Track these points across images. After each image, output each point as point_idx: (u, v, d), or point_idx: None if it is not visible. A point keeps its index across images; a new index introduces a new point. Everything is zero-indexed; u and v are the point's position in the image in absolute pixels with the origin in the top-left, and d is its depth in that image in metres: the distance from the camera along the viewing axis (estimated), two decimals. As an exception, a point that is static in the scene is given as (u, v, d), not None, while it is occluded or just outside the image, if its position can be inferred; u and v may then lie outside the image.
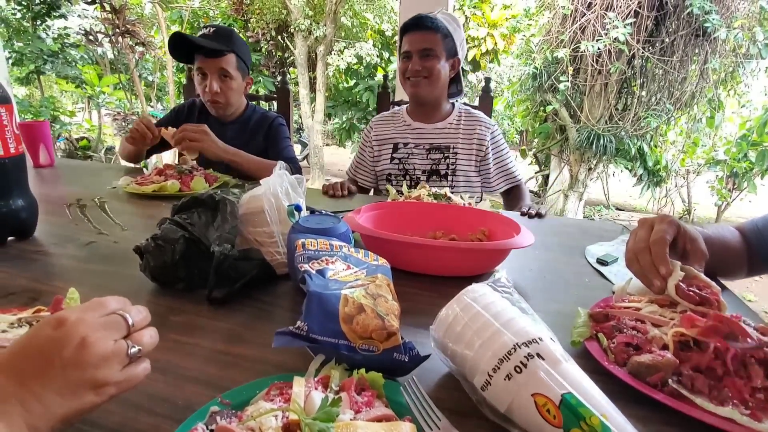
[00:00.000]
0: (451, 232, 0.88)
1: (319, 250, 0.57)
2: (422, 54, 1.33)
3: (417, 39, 1.33)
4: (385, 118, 1.54)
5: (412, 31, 1.34)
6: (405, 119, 1.48)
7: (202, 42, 1.36)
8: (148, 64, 7.70)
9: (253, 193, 0.71)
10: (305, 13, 7.29)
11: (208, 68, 1.40)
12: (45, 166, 1.52)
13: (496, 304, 0.45)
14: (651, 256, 0.57)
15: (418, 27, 1.33)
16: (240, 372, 0.49)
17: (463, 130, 1.43)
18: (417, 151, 1.43)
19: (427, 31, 1.32)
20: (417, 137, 1.45)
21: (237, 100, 1.50)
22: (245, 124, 1.54)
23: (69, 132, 6.23)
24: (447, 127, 1.44)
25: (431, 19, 1.33)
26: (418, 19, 1.34)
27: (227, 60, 1.40)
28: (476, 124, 1.43)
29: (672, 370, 0.46)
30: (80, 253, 0.81)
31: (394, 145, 1.47)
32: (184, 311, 0.61)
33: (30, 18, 5.97)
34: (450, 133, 1.43)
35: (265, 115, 1.57)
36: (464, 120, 1.45)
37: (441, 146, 1.42)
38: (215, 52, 1.38)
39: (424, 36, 1.32)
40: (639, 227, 0.62)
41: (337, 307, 0.46)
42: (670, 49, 4.25)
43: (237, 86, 1.46)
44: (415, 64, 1.33)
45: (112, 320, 0.37)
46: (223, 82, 1.42)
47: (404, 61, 1.37)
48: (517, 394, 0.38)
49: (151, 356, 0.40)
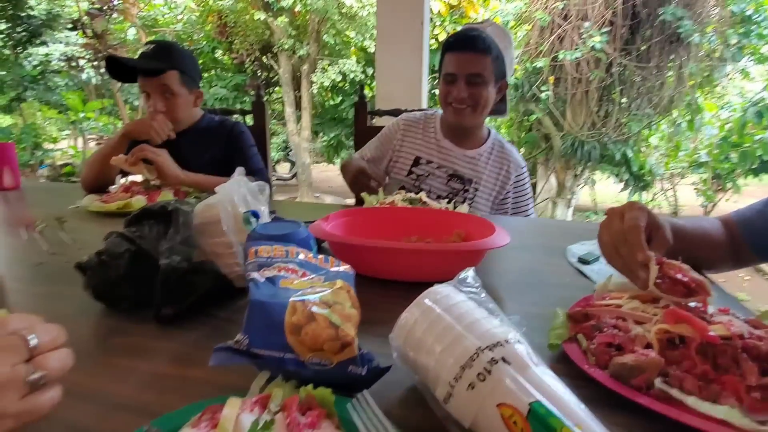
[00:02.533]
0: (426, 237, 0.84)
1: (272, 257, 0.52)
2: (470, 79, 1.18)
3: (465, 61, 1.17)
4: (416, 122, 1.39)
5: (460, 50, 1.18)
6: (436, 133, 1.33)
7: (137, 63, 1.32)
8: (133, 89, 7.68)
9: (208, 202, 0.66)
10: (288, 33, 7.37)
11: (149, 88, 1.34)
12: (10, 189, 1.46)
13: (460, 306, 0.40)
14: (628, 247, 0.54)
15: (467, 47, 1.17)
16: (180, 396, 0.44)
17: (492, 165, 1.30)
18: (439, 173, 1.30)
19: (478, 53, 1.16)
20: (443, 158, 1.31)
21: (185, 115, 1.41)
22: (200, 133, 1.45)
23: (53, 159, 6.15)
24: (476, 158, 1.30)
25: (482, 37, 1.17)
26: (467, 36, 1.17)
27: (168, 77, 1.32)
28: (505, 163, 1.31)
29: (658, 371, 0.42)
30: (27, 275, 0.76)
31: (416, 158, 1.33)
32: (128, 332, 0.56)
33: (11, 46, 5.94)
34: (478, 166, 1.30)
35: (222, 123, 1.49)
36: (495, 154, 1.31)
37: (464, 177, 1.29)
38: (153, 71, 1.31)
39: (474, 58, 1.16)
40: (609, 219, 0.59)
41: (283, 317, 0.41)
42: (647, 56, 4.34)
43: (183, 102, 1.37)
44: (462, 90, 1.18)
45: (8, 342, 0.32)
46: (168, 99, 1.34)
47: (447, 84, 1.21)
48: (481, 405, 0.33)
49: (77, 383, 0.35)
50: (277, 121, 8.31)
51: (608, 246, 0.58)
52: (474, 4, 6.33)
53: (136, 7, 5.63)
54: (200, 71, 1.47)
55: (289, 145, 8.13)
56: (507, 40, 1.23)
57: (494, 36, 1.19)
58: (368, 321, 0.49)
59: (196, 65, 1.44)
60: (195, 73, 1.41)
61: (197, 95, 1.44)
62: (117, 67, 1.34)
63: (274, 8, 7.13)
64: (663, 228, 0.58)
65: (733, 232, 0.72)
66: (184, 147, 1.37)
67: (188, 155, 1.33)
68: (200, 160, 1.36)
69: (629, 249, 0.53)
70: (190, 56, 1.42)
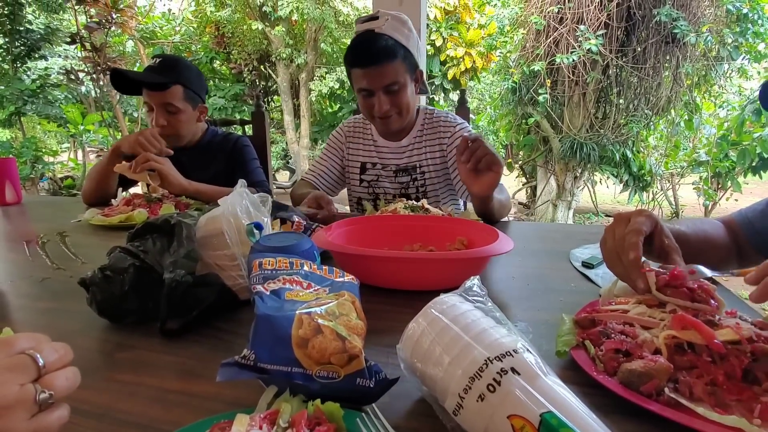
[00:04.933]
0: (429, 244, 0.84)
1: (276, 269, 0.52)
2: (386, 90, 1.14)
3: (375, 75, 1.11)
4: (356, 127, 1.37)
5: (366, 66, 1.11)
6: (374, 135, 1.33)
7: (142, 77, 1.32)
8: (132, 100, 7.72)
9: (211, 215, 0.66)
10: (286, 42, 7.42)
11: (152, 102, 1.34)
12: (11, 204, 1.47)
13: (467, 315, 0.40)
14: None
15: (372, 61, 1.10)
16: (187, 412, 0.43)
17: (427, 142, 1.28)
18: (385, 173, 1.30)
19: (385, 63, 1.10)
20: (384, 158, 1.31)
21: (188, 131, 1.42)
22: (204, 149, 1.47)
23: (53, 172, 6.16)
24: (411, 144, 1.29)
25: (383, 45, 1.10)
26: (368, 49, 1.10)
27: (172, 93, 1.33)
28: (438, 130, 1.27)
29: (667, 377, 0.41)
30: (32, 290, 0.75)
31: (362, 165, 1.33)
32: (134, 347, 0.55)
33: (10, 60, 5.98)
34: (414, 151, 1.28)
35: (226, 137, 1.50)
36: (426, 130, 1.28)
37: (407, 167, 1.28)
38: (158, 85, 1.32)
39: (383, 70, 1.10)
40: (615, 224, 0.59)
41: (290, 330, 0.41)
42: (643, 57, 4.37)
43: (186, 118, 1.38)
44: (383, 102, 1.14)
45: (17, 362, 0.32)
46: (171, 114, 1.34)
47: (365, 98, 1.16)
48: (491, 417, 0.33)
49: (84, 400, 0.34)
50: (276, 129, 8.34)
51: (611, 252, 0.57)
52: (469, 10, 6.38)
53: (135, 20, 5.67)
54: (206, 86, 1.47)
55: (289, 153, 8.15)
56: (405, 26, 1.14)
57: (393, 31, 1.11)
58: (373, 331, 0.49)
59: (202, 80, 1.44)
60: (200, 89, 1.42)
61: (201, 110, 1.44)
62: (121, 80, 1.35)
63: (271, 18, 7.19)
64: (670, 236, 0.58)
65: (736, 233, 0.71)
66: (187, 164, 1.37)
67: (191, 172, 1.33)
68: (204, 175, 1.37)
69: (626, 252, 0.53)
70: (196, 71, 1.42)
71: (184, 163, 1.35)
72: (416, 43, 1.18)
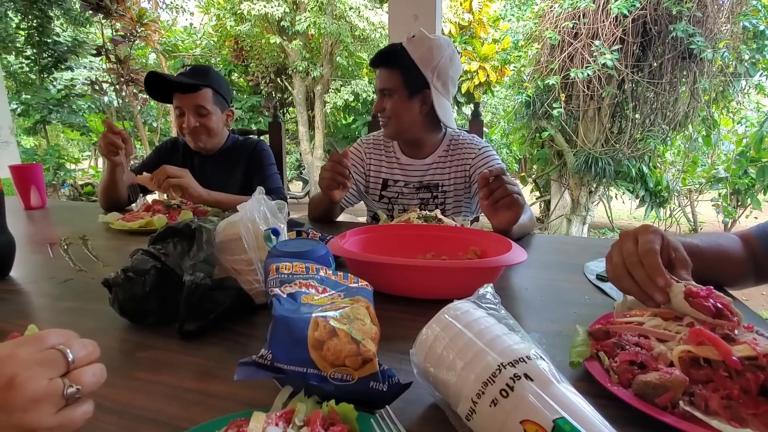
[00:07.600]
0: (441, 254, 0.84)
1: (293, 273, 0.54)
2: (382, 93, 1.23)
3: (378, 77, 1.24)
4: (376, 144, 1.40)
5: (373, 67, 1.26)
6: (396, 153, 1.36)
7: (176, 78, 1.39)
8: (152, 111, 7.94)
9: (230, 220, 0.68)
10: (302, 55, 7.58)
11: (184, 104, 1.41)
12: (36, 208, 1.52)
13: (480, 322, 0.41)
14: (645, 270, 0.53)
15: (375, 63, 1.24)
16: (204, 410, 0.44)
17: (451, 162, 1.31)
18: (407, 190, 1.32)
19: (385, 67, 1.22)
20: (407, 175, 1.33)
21: (218, 133, 1.49)
22: (226, 155, 1.53)
23: (74, 178, 6.34)
24: (435, 162, 1.32)
25: (389, 52, 1.22)
26: (379, 53, 1.24)
27: (203, 95, 1.40)
28: (462, 152, 1.30)
29: (682, 389, 0.41)
30: (55, 291, 0.78)
31: (384, 181, 1.36)
32: (153, 347, 0.57)
33: (37, 71, 6.22)
34: (438, 169, 1.31)
35: (245, 142, 1.57)
36: (452, 151, 1.32)
37: (429, 184, 1.31)
38: (190, 87, 1.39)
39: (382, 74, 1.22)
40: (622, 240, 0.58)
41: (306, 332, 0.41)
42: (659, 72, 4.34)
43: (216, 119, 1.46)
44: (378, 104, 1.24)
45: (48, 356, 0.33)
46: (201, 116, 1.42)
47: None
48: (504, 422, 0.33)
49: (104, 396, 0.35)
50: (290, 140, 8.47)
51: (619, 267, 0.57)
52: (484, 25, 6.45)
53: (158, 34, 5.86)
54: (231, 92, 1.57)
55: (303, 164, 8.25)
56: (426, 46, 1.18)
57: (413, 48, 1.18)
58: (386, 337, 0.50)
59: (228, 87, 1.54)
60: (227, 94, 1.51)
61: (228, 114, 1.53)
62: (155, 86, 1.42)
63: (289, 32, 7.36)
64: (679, 249, 0.58)
65: (753, 247, 0.70)
66: (211, 172, 1.44)
67: (216, 178, 1.39)
68: (228, 181, 1.43)
69: (648, 272, 0.53)
70: (223, 78, 1.52)
71: (207, 171, 1.42)
72: (437, 65, 1.18)
